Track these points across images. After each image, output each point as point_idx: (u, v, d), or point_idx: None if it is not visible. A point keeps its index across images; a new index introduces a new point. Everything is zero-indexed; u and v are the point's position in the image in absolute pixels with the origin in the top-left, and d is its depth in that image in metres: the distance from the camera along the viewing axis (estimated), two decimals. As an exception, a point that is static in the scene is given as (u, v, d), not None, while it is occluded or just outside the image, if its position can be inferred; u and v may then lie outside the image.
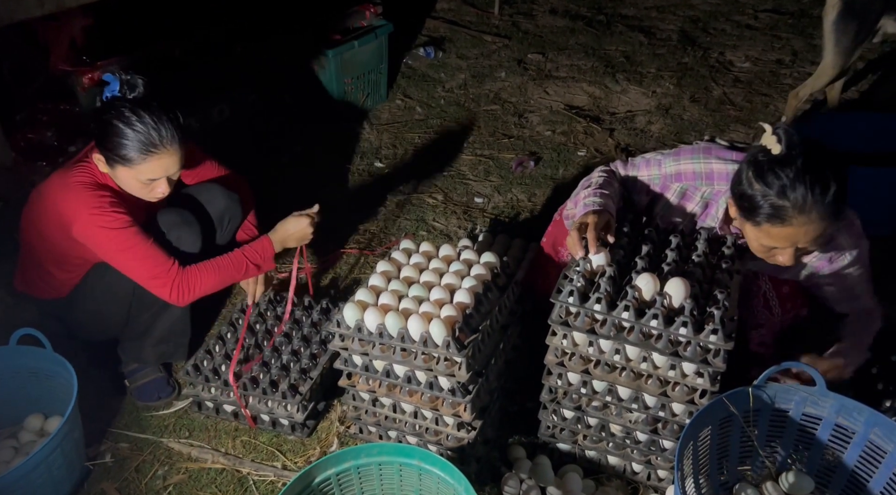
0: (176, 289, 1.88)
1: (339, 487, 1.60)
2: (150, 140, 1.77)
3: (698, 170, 1.77)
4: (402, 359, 1.70)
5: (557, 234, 2.00)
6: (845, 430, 1.63)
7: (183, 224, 2.00)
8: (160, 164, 1.81)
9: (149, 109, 1.77)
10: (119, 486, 1.90)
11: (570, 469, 1.85)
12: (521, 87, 3.82)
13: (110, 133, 1.76)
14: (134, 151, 1.77)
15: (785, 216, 1.50)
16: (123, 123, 1.75)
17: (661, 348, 1.56)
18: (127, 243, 1.84)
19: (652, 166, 1.85)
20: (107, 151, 1.79)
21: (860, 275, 1.79)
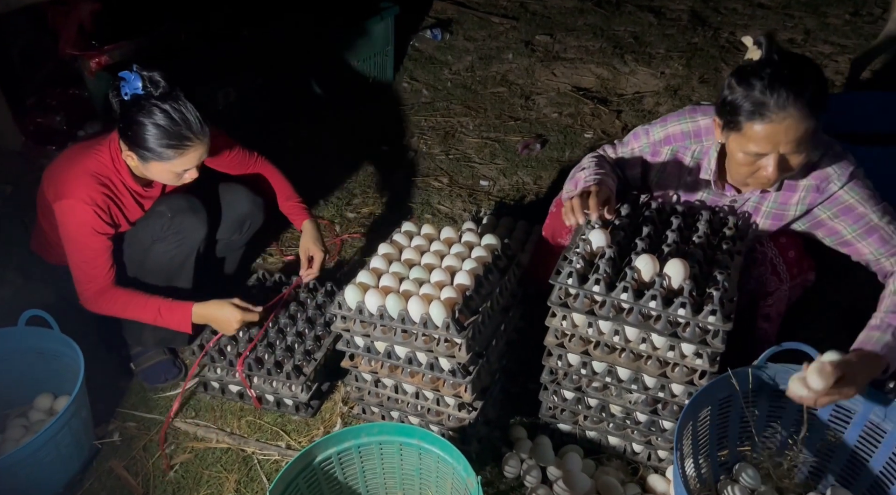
0: (84, 301, 1.96)
1: (339, 466, 1.63)
2: (183, 134, 1.80)
3: (686, 129, 1.80)
4: (403, 340, 1.71)
5: (556, 225, 2.00)
6: (846, 410, 1.63)
7: (189, 210, 2.03)
8: (194, 155, 1.85)
9: (176, 103, 1.79)
10: (127, 465, 1.94)
11: (570, 449, 1.87)
12: (528, 69, 3.80)
13: (143, 133, 1.79)
14: (169, 148, 1.81)
15: (765, 112, 1.51)
16: (155, 123, 1.78)
17: (660, 329, 1.56)
18: (80, 243, 1.90)
19: (640, 137, 1.88)
20: (141, 150, 1.82)
21: (877, 209, 1.68)
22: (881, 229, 1.67)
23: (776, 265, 1.79)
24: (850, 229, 1.70)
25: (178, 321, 1.97)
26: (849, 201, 1.68)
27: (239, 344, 2.07)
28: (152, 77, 1.78)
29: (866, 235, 1.68)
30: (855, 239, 1.71)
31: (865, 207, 1.68)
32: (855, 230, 1.70)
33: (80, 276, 1.94)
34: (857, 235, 1.70)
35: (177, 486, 1.89)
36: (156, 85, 1.78)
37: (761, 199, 1.78)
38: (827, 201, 1.71)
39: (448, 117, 3.45)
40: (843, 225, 1.71)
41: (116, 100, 1.81)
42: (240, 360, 2.00)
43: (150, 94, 1.78)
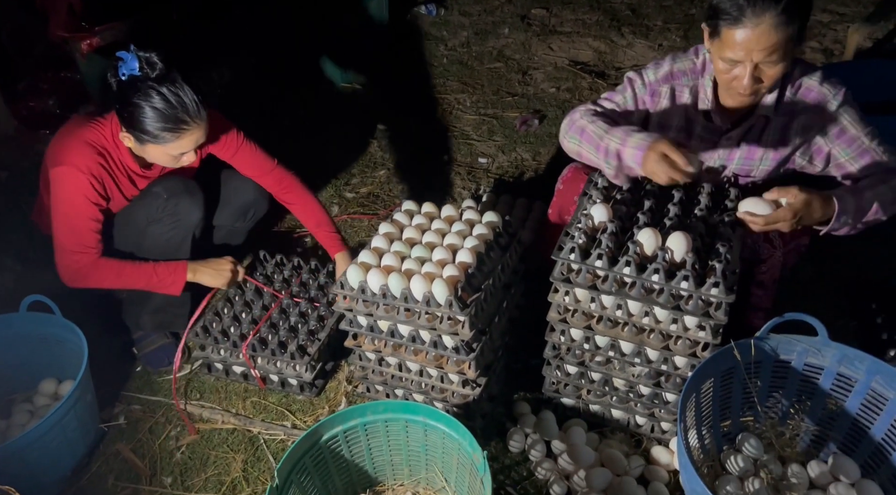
0: (73, 272, 1.92)
1: (346, 444, 1.64)
2: (180, 118, 1.78)
3: (683, 67, 1.81)
4: (406, 318, 1.72)
5: (563, 203, 1.99)
6: (847, 379, 1.64)
7: (185, 192, 2.01)
8: (191, 138, 1.84)
9: (173, 85, 1.77)
10: (133, 447, 1.95)
11: (574, 423, 1.88)
12: (524, 44, 3.76)
13: (139, 115, 1.77)
14: (166, 131, 1.79)
15: (742, 17, 1.53)
16: (152, 106, 1.76)
17: (662, 302, 1.56)
18: (73, 210, 1.88)
19: (635, 81, 1.86)
20: (137, 132, 1.81)
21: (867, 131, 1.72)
22: (872, 150, 1.71)
23: (768, 232, 1.79)
24: (844, 152, 1.73)
25: (173, 279, 1.99)
26: (844, 123, 1.72)
27: (242, 325, 2.07)
28: (149, 58, 1.76)
29: (859, 158, 1.72)
30: (849, 162, 1.74)
31: (857, 129, 1.71)
32: (849, 154, 1.73)
33: (69, 246, 1.90)
34: (850, 158, 1.73)
35: (184, 467, 1.90)
36: (152, 66, 1.76)
37: (762, 130, 1.77)
38: (825, 123, 1.72)
39: (444, 94, 3.42)
40: (838, 149, 1.74)
41: (114, 80, 1.79)
42: (245, 343, 2.01)
43: (147, 76, 1.76)
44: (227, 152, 2.11)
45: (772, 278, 1.81)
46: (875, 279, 2.26)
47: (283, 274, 2.27)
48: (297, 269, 2.30)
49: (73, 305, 2.00)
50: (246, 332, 2.05)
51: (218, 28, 3.12)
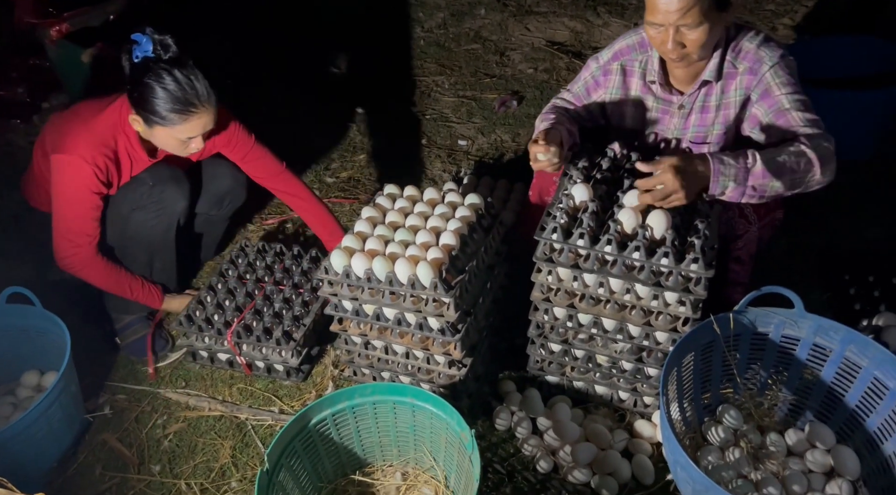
0: (71, 261, 1.95)
1: (335, 427, 1.65)
2: (190, 100, 1.79)
3: (631, 42, 1.87)
4: (392, 302, 1.73)
5: (542, 184, 2.01)
6: (822, 349, 1.69)
7: (171, 180, 2.01)
8: (199, 123, 1.84)
9: (185, 68, 1.78)
10: (120, 436, 1.95)
11: (559, 399, 1.91)
12: (501, 25, 3.75)
13: (150, 96, 1.78)
14: (174, 113, 1.80)
15: None
16: (163, 87, 1.77)
17: (643, 279, 1.59)
18: (75, 198, 1.89)
19: (590, 65, 1.94)
20: (146, 113, 1.81)
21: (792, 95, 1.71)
22: (789, 114, 1.70)
23: (743, 208, 1.83)
24: (765, 114, 1.75)
25: (149, 301, 2.11)
26: (770, 83, 1.73)
27: (226, 312, 2.07)
28: (163, 40, 1.77)
29: (775, 120, 1.72)
30: (767, 123, 1.75)
31: (781, 91, 1.72)
32: (768, 115, 1.74)
33: (68, 235, 1.92)
34: (768, 120, 1.74)
35: (172, 455, 1.90)
36: (166, 48, 1.77)
37: (707, 95, 1.81)
38: (757, 84, 1.75)
39: (422, 76, 3.41)
40: (761, 110, 1.76)
41: (127, 63, 1.79)
42: (229, 330, 2.01)
43: (160, 58, 1.77)
44: (238, 153, 2.12)
45: (748, 253, 1.85)
46: (846, 251, 2.31)
47: (266, 260, 2.27)
48: (279, 256, 2.30)
49: (54, 296, 1.98)
50: (230, 320, 2.05)
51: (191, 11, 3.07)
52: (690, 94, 1.81)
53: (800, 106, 1.70)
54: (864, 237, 2.37)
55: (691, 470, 1.40)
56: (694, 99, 1.82)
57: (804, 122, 1.67)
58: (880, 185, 2.55)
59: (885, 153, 2.67)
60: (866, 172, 2.59)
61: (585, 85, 1.95)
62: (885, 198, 2.49)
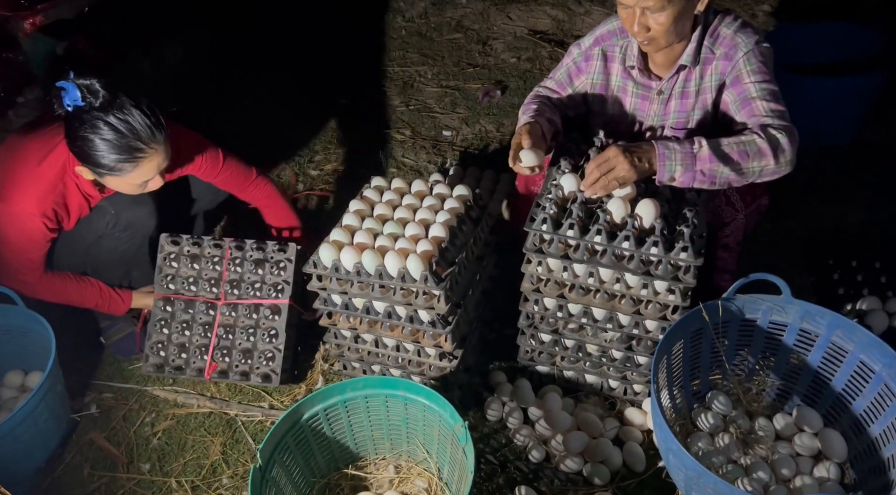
0: (20, 289, 1.89)
1: (327, 422, 1.64)
2: (134, 146, 1.68)
3: (612, 27, 1.87)
4: (382, 295, 1.72)
5: None
6: (809, 334, 1.71)
7: (133, 204, 1.94)
8: (151, 165, 1.73)
9: (121, 112, 1.65)
10: (108, 435, 1.93)
11: (549, 389, 1.92)
12: (483, 14, 3.73)
13: (91, 150, 1.67)
14: (123, 163, 1.69)
15: None
16: (101, 138, 1.65)
17: (633, 268, 1.60)
18: (21, 247, 1.83)
19: (572, 51, 1.93)
20: (93, 167, 1.71)
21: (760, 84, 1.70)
22: (754, 102, 1.68)
23: (730, 196, 1.84)
24: (733, 100, 1.74)
25: (118, 307, 2.05)
26: (742, 70, 1.73)
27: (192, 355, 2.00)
28: (90, 86, 1.63)
29: (741, 107, 1.72)
30: (733, 109, 1.75)
31: (750, 78, 1.71)
32: (736, 101, 1.73)
33: (11, 271, 1.87)
34: (735, 106, 1.74)
35: (161, 453, 1.89)
36: (95, 95, 1.63)
37: (686, 81, 1.81)
38: (731, 70, 1.75)
39: (405, 67, 3.38)
40: (731, 96, 1.75)
41: (61, 111, 1.67)
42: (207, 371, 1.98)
43: (91, 106, 1.64)
44: (210, 174, 2.04)
45: (735, 240, 1.86)
46: (829, 235, 2.34)
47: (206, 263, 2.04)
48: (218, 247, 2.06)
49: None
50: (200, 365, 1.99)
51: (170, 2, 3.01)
52: (669, 78, 1.81)
53: (766, 95, 1.68)
54: (846, 222, 2.40)
55: (684, 457, 1.41)
56: (672, 84, 1.82)
57: (767, 112, 1.66)
58: (861, 170, 2.58)
59: (864, 138, 2.70)
60: (847, 157, 2.62)
61: (567, 71, 1.94)
62: (865, 183, 2.52)
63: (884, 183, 2.50)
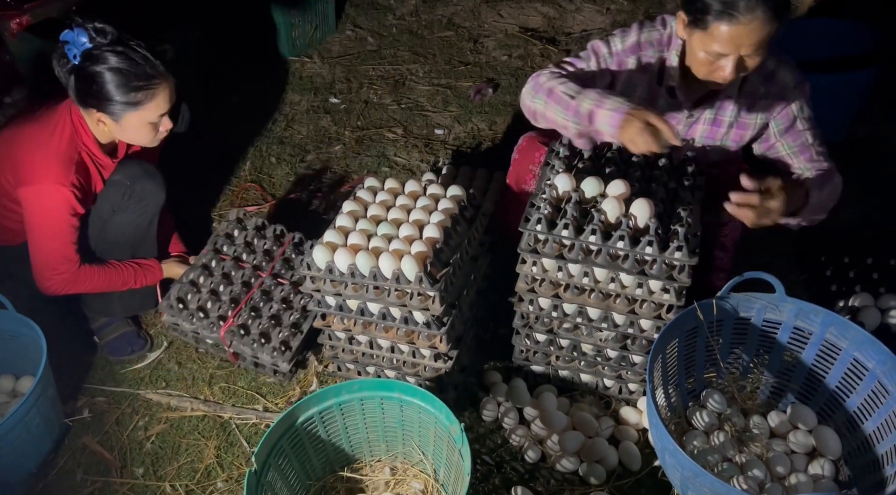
0: (56, 287, 1.89)
1: (322, 424, 1.64)
2: (149, 73, 1.72)
3: (650, 38, 1.77)
4: (376, 296, 1.71)
5: (519, 172, 2.00)
6: (802, 332, 1.71)
7: (146, 175, 1.96)
8: (164, 96, 1.78)
9: (128, 45, 1.70)
10: (101, 440, 1.91)
11: (544, 389, 1.92)
12: (474, 11, 3.72)
13: (105, 84, 1.69)
14: (140, 91, 1.73)
15: (734, 12, 1.52)
16: (116, 69, 1.69)
17: (628, 268, 1.59)
18: (56, 227, 1.82)
19: (601, 49, 1.80)
20: (111, 104, 1.72)
21: (813, 130, 1.79)
22: (811, 149, 1.78)
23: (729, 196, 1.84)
24: (786, 146, 1.78)
25: (151, 278, 2.07)
26: (796, 117, 1.76)
27: (221, 303, 2.03)
28: (96, 27, 1.68)
29: (799, 153, 1.77)
30: (789, 156, 1.79)
31: (804, 126, 1.77)
32: (791, 148, 1.78)
33: (51, 262, 1.85)
34: (791, 153, 1.78)
35: (155, 457, 1.87)
36: (104, 33, 1.68)
37: (721, 109, 1.80)
38: (780, 114, 1.76)
39: (396, 65, 3.37)
40: (783, 142, 1.79)
41: (66, 68, 1.70)
42: (224, 326, 1.97)
43: (101, 44, 1.68)
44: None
45: (732, 240, 1.87)
46: (822, 232, 2.34)
47: (266, 243, 2.19)
48: (279, 239, 2.22)
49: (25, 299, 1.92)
50: (225, 313, 2.00)
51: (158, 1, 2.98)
52: (706, 104, 1.78)
53: (818, 141, 1.78)
54: (838, 218, 2.40)
55: (680, 456, 1.41)
56: (706, 109, 1.80)
57: (820, 156, 1.78)
58: (854, 167, 2.57)
59: (857, 135, 2.71)
60: (840, 154, 2.59)
61: (597, 67, 1.80)
62: (858, 180, 2.51)
63: (876, 179, 2.51)
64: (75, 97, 1.76)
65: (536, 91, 1.73)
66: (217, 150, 2.83)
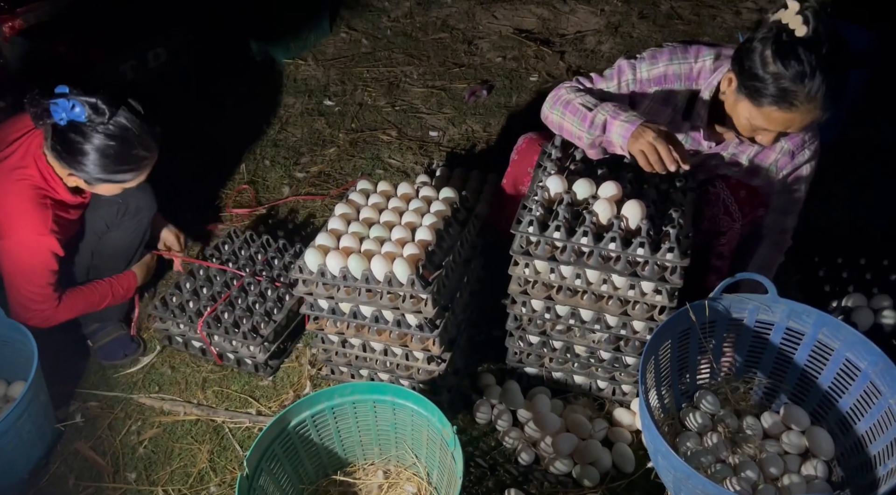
0: (40, 323, 1.87)
1: (314, 428, 1.63)
2: (141, 156, 1.73)
3: (678, 71, 1.72)
4: (368, 299, 1.71)
5: (517, 174, 2.00)
6: (795, 333, 1.71)
7: (137, 189, 1.93)
8: (147, 171, 1.79)
9: (123, 127, 1.66)
10: (93, 445, 1.90)
11: (538, 391, 1.92)
12: (468, 13, 3.72)
13: (91, 162, 1.68)
14: (124, 173, 1.74)
15: (794, 101, 1.48)
16: (105, 154, 1.67)
17: (619, 269, 1.59)
18: (34, 276, 1.81)
19: (626, 72, 1.76)
20: (88, 175, 1.71)
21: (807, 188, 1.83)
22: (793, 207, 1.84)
23: (728, 205, 1.84)
24: (782, 186, 1.76)
25: (127, 287, 2.05)
26: (802, 175, 1.75)
27: (201, 300, 2.05)
28: (96, 105, 1.62)
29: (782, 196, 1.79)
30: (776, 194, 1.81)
31: (804, 186, 1.79)
32: (782, 190, 1.78)
33: (30, 304, 1.84)
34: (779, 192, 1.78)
35: (148, 462, 1.87)
36: (100, 112, 1.63)
37: (739, 151, 1.80)
38: (792, 165, 1.75)
39: (391, 67, 3.36)
40: (783, 184, 1.77)
41: (44, 121, 1.65)
42: (201, 319, 1.99)
43: (94, 122, 1.64)
44: None
45: (730, 249, 1.87)
46: (815, 233, 2.35)
47: (250, 250, 2.26)
48: (264, 247, 2.29)
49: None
50: (204, 308, 2.04)
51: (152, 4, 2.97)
52: (725, 146, 1.79)
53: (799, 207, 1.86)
54: (831, 219, 2.41)
55: (672, 458, 1.41)
56: (723, 148, 1.80)
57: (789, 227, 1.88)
58: (846, 168, 2.59)
59: (850, 136, 2.71)
60: (833, 155, 2.61)
61: (618, 89, 1.77)
62: (851, 181, 2.53)
63: (868, 180, 2.51)
64: (49, 148, 1.71)
65: (555, 102, 1.74)
66: (211, 153, 2.83)
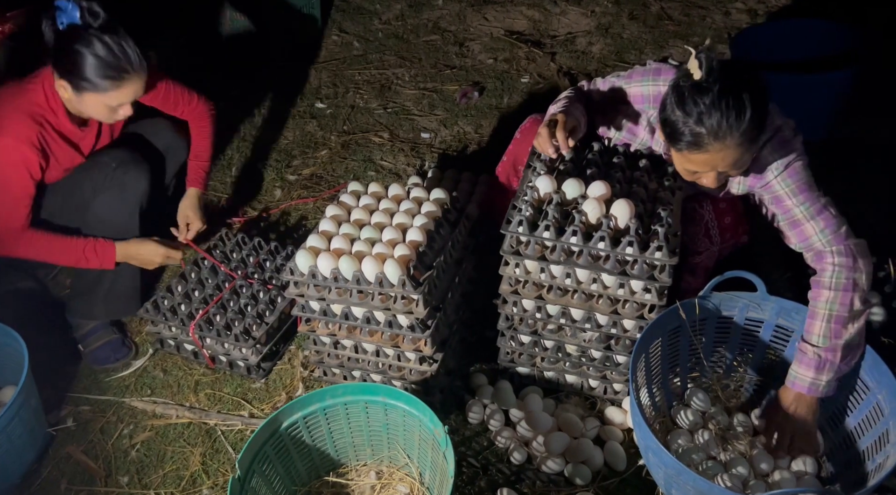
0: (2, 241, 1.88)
1: (307, 429, 1.63)
2: (122, 67, 1.76)
3: (646, 92, 1.73)
4: (360, 301, 1.71)
5: (518, 152, 1.99)
6: (785, 330, 1.72)
7: (132, 161, 1.99)
8: (130, 89, 1.81)
9: (115, 34, 1.75)
10: (85, 449, 1.90)
11: (530, 390, 1.92)
12: (459, 15, 3.73)
13: (80, 62, 1.74)
14: (107, 79, 1.76)
15: (701, 143, 1.48)
16: (94, 53, 1.73)
17: (609, 268, 1.60)
18: (11, 184, 1.83)
19: (607, 87, 1.81)
20: (76, 79, 1.76)
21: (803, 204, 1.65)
22: (802, 225, 1.65)
23: (710, 229, 1.84)
24: (781, 218, 1.70)
25: (102, 259, 1.96)
26: (779, 192, 1.66)
27: (193, 303, 2.05)
28: (91, 7, 1.73)
29: (791, 227, 1.67)
30: (784, 227, 1.69)
31: (792, 200, 1.64)
32: (783, 220, 1.68)
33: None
34: (784, 225, 1.68)
35: (140, 465, 1.86)
36: (95, 16, 1.73)
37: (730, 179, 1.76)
38: (763, 188, 1.68)
39: (382, 69, 3.37)
40: (778, 211, 1.70)
41: (51, 29, 1.74)
42: (193, 322, 1.99)
43: (89, 24, 1.72)
44: (157, 99, 2.10)
45: (704, 267, 1.88)
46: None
47: (242, 253, 2.26)
48: (256, 249, 2.29)
49: (7, 306, 1.92)
50: (196, 311, 2.03)
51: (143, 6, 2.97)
52: None
53: (813, 212, 1.63)
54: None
55: (662, 455, 1.42)
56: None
57: (818, 233, 1.63)
58: (834, 166, 2.60)
59: (839, 134, 2.73)
60: (820, 154, 2.63)
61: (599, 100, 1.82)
62: (839, 179, 2.54)
63: (858, 178, 2.53)
64: (52, 58, 1.79)
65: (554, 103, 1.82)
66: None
